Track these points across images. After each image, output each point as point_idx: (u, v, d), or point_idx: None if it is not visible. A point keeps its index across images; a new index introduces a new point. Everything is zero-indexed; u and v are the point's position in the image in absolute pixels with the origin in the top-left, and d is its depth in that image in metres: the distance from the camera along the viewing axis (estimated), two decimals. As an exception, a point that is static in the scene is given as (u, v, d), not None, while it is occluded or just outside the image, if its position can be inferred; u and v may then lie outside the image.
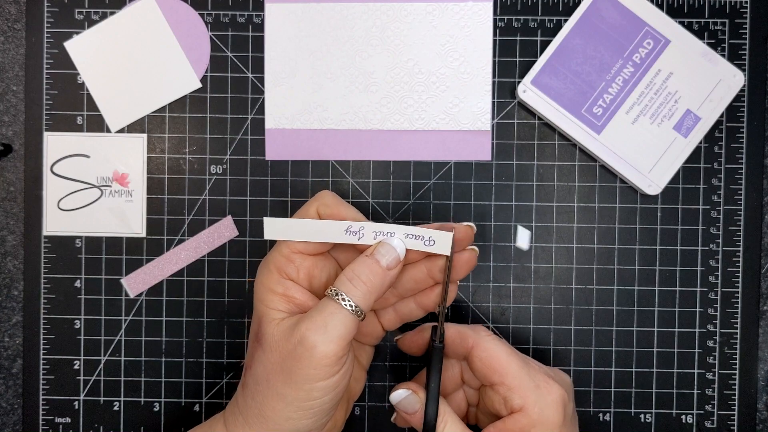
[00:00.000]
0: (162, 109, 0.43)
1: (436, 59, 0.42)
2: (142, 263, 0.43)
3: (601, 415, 0.42)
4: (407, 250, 0.34)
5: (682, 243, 0.42)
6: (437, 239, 0.34)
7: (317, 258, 0.35)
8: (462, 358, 0.37)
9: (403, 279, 0.36)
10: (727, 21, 0.42)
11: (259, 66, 0.43)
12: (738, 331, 0.42)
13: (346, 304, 0.32)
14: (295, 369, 0.31)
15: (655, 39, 0.41)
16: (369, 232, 0.34)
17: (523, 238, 0.42)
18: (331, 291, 0.32)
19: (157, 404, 0.43)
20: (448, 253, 0.34)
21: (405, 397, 0.35)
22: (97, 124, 0.43)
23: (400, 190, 0.43)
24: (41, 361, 0.43)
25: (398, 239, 0.34)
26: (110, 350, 0.43)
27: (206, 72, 0.43)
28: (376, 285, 0.33)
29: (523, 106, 0.43)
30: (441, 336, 0.35)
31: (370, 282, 0.32)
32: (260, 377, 0.32)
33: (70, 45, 0.43)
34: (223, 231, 0.41)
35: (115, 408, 0.43)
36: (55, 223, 0.43)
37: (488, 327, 0.43)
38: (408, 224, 0.42)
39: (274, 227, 0.33)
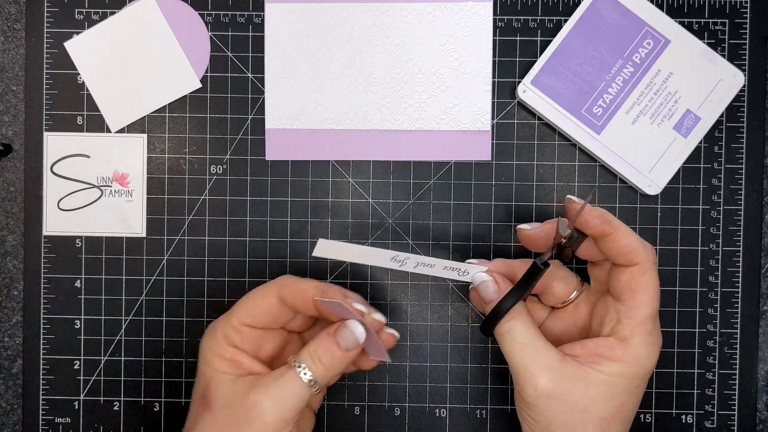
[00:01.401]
0: (162, 109, 0.43)
1: (436, 59, 0.42)
2: (142, 263, 0.43)
3: (601, 415, 0.42)
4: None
5: (682, 243, 0.42)
6: (470, 271, 0.37)
7: (265, 330, 0.36)
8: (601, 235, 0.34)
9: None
10: (727, 21, 0.42)
11: (259, 66, 0.43)
12: (738, 331, 0.42)
13: (303, 374, 0.33)
14: (244, 430, 0.32)
15: (655, 39, 0.41)
16: (412, 262, 0.36)
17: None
18: (293, 360, 0.33)
19: (157, 404, 0.43)
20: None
21: (483, 281, 0.36)
22: (97, 124, 0.43)
23: (400, 190, 0.43)
24: (41, 361, 0.43)
25: (360, 325, 0.35)
26: (110, 350, 0.43)
27: (206, 72, 0.43)
28: (336, 366, 0.34)
29: (523, 106, 0.43)
30: (546, 263, 0.34)
31: (329, 363, 0.34)
32: None
33: (70, 45, 0.43)
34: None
35: (115, 408, 0.43)
36: (55, 223, 0.43)
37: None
38: (410, 224, 0.43)
39: (326, 247, 0.35)
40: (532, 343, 0.34)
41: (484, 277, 0.36)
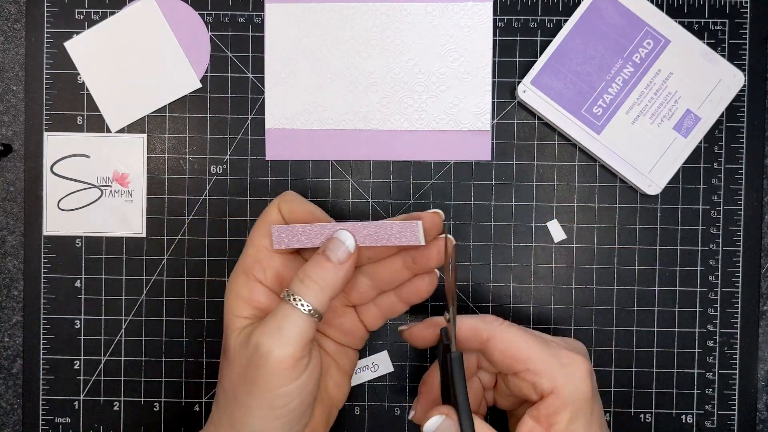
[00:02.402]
0: (162, 109, 0.43)
1: (436, 59, 0.42)
2: (142, 263, 0.43)
3: (601, 415, 0.42)
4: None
5: (682, 243, 0.42)
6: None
7: (285, 257, 0.34)
8: (476, 351, 0.35)
9: (380, 272, 0.35)
10: (727, 21, 0.42)
11: (259, 66, 0.43)
12: (738, 331, 0.42)
13: (299, 305, 0.31)
14: (254, 377, 0.30)
15: (655, 39, 0.41)
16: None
17: (555, 231, 0.42)
18: (284, 293, 0.31)
19: (157, 404, 0.43)
20: (420, 243, 0.33)
21: (440, 424, 0.33)
22: (97, 124, 0.43)
23: (400, 190, 0.43)
24: (41, 361, 0.43)
25: (348, 232, 0.32)
26: (110, 350, 0.43)
27: (206, 72, 0.43)
28: (329, 282, 0.32)
29: (523, 106, 0.43)
30: (454, 343, 0.33)
31: (322, 280, 0.31)
32: (228, 390, 0.32)
33: (70, 45, 0.43)
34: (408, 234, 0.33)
35: (115, 408, 0.43)
36: (55, 223, 0.43)
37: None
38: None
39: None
40: None
41: (437, 421, 0.33)
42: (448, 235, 0.34)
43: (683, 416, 0.42)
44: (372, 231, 0.33)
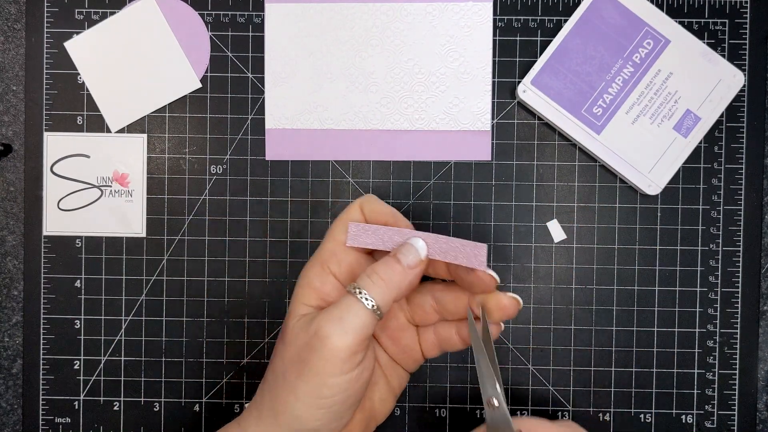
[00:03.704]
0: (162, 109, 0.43)
1: (436, 59, 0.42)
2: (142, 263, 0.43)
3: (601, 415, 0.42)
4: (456, 265, 0.33)
5: (682, 243, 0.42)
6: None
7: (360, 255, 0.35)
8: None
9: (446, 299, 0.35)
10: (727, 21, 0.42)
11: (259, 66, 0.43)
12: (738, 331, 0.42)
13: (362, 298, 0.31)
14: (307, 360, 0.31)
15: (655, 39, 0.41)
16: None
17: (555, 231, 0.42)
18: (350, 286, 0.32)
19: (157, 404, 0.43)
20: (482, 267, 0.33)
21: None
22: (97, 124, 0.43)
23: (400, 190, 0.43)
24: (41, 361, 0.43)
25: (422, 241, 0.33)
26: (110, 350, 0.43)
27: (206, 72, 0.43)
28: (395, 282, 0.32)
29: (523, 106, 0.43)
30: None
31: (388, 278, 0.32)
32: (278, 370, 0.32)
33: (70, 45, 0.43)
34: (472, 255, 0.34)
35: (115, 408, 0.43)
36: (55, 223, 0.43)
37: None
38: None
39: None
40: None
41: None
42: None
43: (683, 416, 0.42)
44: (442, 245, 0.33)
